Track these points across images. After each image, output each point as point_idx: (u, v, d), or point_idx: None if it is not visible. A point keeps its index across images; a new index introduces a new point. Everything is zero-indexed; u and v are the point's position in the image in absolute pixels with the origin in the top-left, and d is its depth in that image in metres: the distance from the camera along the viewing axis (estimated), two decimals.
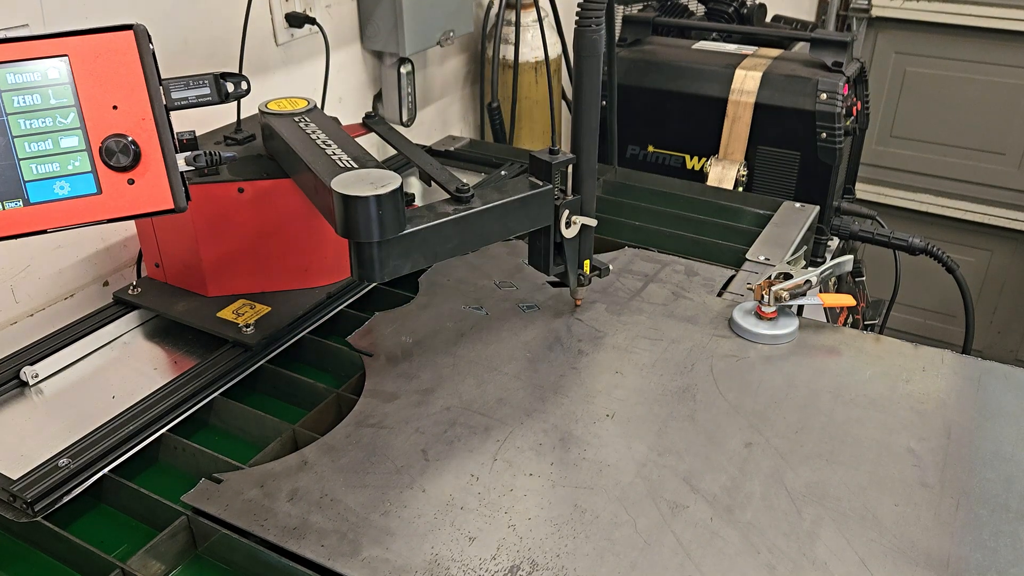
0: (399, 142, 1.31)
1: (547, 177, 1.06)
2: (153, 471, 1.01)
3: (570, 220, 1.08)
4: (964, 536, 0.85)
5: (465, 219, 0.99)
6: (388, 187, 0.90)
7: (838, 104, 1.75)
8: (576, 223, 1.08)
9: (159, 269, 1.27)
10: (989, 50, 2.66)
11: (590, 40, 1.01)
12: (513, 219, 1.05)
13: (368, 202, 0.89)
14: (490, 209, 1.01)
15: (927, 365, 1.11)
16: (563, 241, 1.10)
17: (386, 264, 0.94)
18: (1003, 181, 2.82)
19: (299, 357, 1.19)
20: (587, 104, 1.06)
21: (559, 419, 1.01)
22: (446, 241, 0.99)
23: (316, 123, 1.15)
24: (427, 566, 0.82)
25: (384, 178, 0.92)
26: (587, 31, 1.00)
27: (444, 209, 0.99)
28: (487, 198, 1.02)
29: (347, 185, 0.91)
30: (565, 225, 1.08)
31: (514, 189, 1.05)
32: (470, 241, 1.02)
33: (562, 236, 1.09)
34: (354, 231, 0.91)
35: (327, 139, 1.08)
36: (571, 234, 1.09)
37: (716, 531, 0.85)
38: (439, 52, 2.11)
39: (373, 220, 0.90)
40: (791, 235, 1.45)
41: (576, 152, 1.08)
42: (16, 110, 0.83)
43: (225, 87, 0.94)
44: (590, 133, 1.08)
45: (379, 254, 0.93)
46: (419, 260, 0.97)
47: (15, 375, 1.11)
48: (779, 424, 1.00)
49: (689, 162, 1.96)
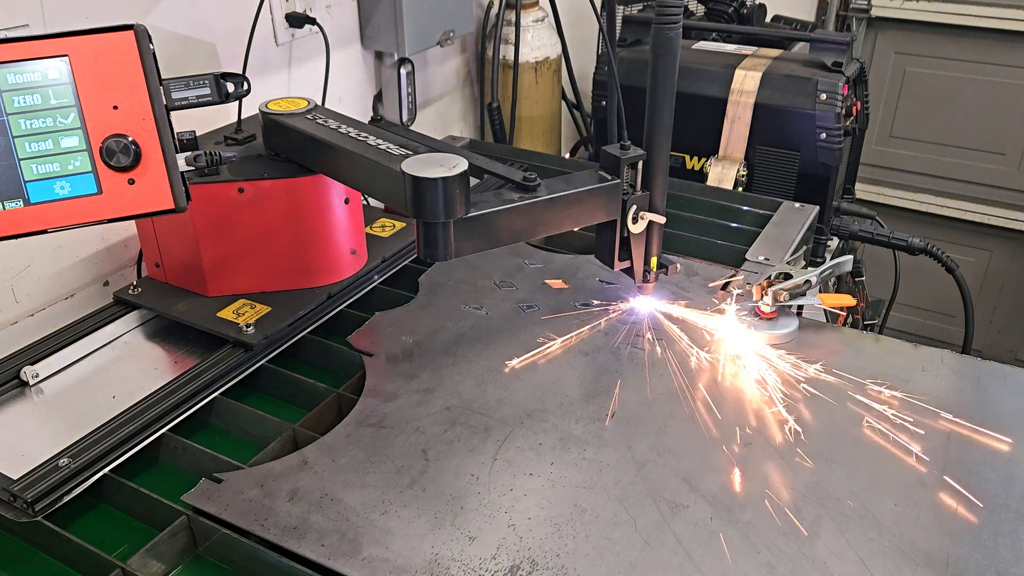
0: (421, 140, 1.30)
1: (616, 172, 1.07)
2: (153, 471, 1.01)
3: (637, 216, 1.08)
4: (964, 536, 0.85)
5: (530, 207, 1.01)
6: (457, 169, 0.93)
7: (838, 104, 1.75)
8: (644, 219, 1.09)
9: (159, 269, 1.27)
10: (989, 50, 2.66)
11: (667, 38, 1.02)
12: (579, 211, 1.06)
13: (437, 183, 0.92)
14: (555, 199, 1.03)
15: (927, 365, 1.11)
16: (630, 236, 1.10)
17: (450, 244, 0.97)
18: (1003, 181, 2.82)
19: (299, 357, 1.19)
20: (661, 101, 1.06)
21: (559, 419, 1.01)
22: (510, 227, 1.01)
23: (333, 118, 1.17)
24: (427, 566, 0.82)
25: (452, 160, 0.95)
26: (664, 29, 1.01)
27: (510, 196, 1.01)
28: (554, 188, 1.04)
29: (417, 167, 0.94)
30: (632, 220, 1.08)
31: (582, 181, 1.06)
32: (533, 229, 1.04)
33: (628, 231, 1.09)
34: (422, 211, 0.95)
35: (359, 131, 1.11)
36: (637, 230, 1.10)
37: (716, 531, 0.86)
38: (439, 52, 2.11)
39: (440, 201, 0.93)
40: (791, 235, 1.45)
41: (648, 149, 1.08)
42: (16, 110, 0.83)
43: (225, 87, 0.94)
44: (664, 130, 1.08)
45: (444, 234, 0.96)
46: (481, 243, 1.00)
47: (15, 375, 1.11)
48: (779, 424, 1.00)
49: (689, 162, 1.95)
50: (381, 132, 1.11)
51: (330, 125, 1.15)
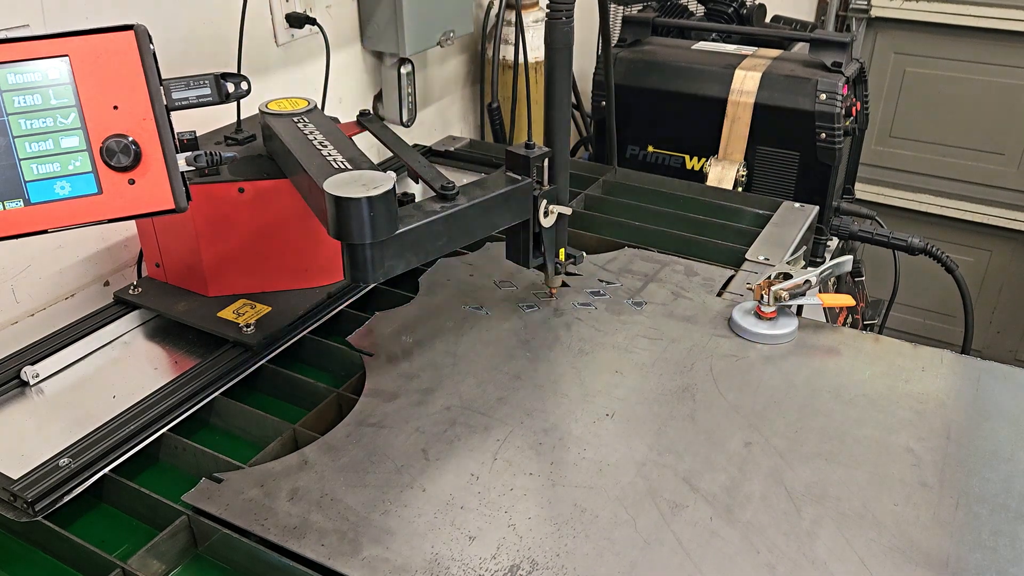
0: (390, 140, 1.30)
1: (525, 171, 1.08)
2: (154, 471, 1.01)
3: (547, 210, 1.11)
4: (963, 536, 0.85)
5: (453, 216, 1.00)
6: (380, 188, 0.90)
7: (837, 104, 1.76)
8: (553, 212, 1.11)
9: (159, 269, 1.27)
10: (989, 50, 2.66)
11: (561, 32, 1.03)
12: (497, 213, 1.06)
13: (360, 204, 0.88)
14: (476, 205, 1.02)
15: (926, 365, 1.11)
16: (541, 231, 1.12)
17: (380, 265, 0.94)
18: (1002, 181, 2.82)
19: (299, 357, 1.20)
20: (559, 96, 1.08)
21: (559, 419, 1.01)
22: (436, 239, 0.99)
23: (314, 123, 1.15)
24: (427, 565, 0.82)
25: (377, 179, 0.91)
26: (558, 23, 1.02)
27: (432, 207, 1.00)
28: (471, 194, 1.03)
29: (340, 186, 0.90)
30: (543, 215, 1.11)
31: (495, 185, 1.06)
32: (458, 238, 1.03)
33: (540, 226, 1.12)
34: (347, 233, 0.90)
35: (324, 140, 1.08)
36: (549, 223, 1.12)
37: (716, 531, 0.86)
38: (439, 52, 2.11)
39: (366, 222, 0.89)
40: (791, 235, 1.45)
41: (549, 144, 1.11)
42: (17, 110, 0.83)
43: (225, 87, 0.94)
44: (563, 125, 1.10)
45: (373, 255, 0.93)
46: (412, 259, 0.98)
47: (16, 375, 1.11)
48: (779, 424, 1.00)
49: (689, 162, 1.96)
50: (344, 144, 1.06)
51: (305, 131, 1.12)
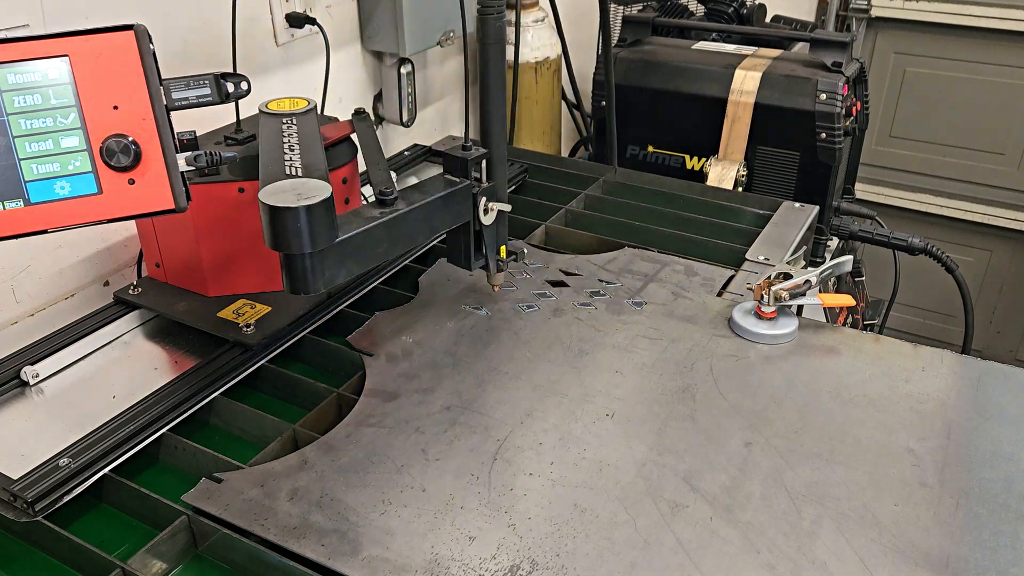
0: (365, 141, 1.30)
1: (464, 173, 1.08)
2: (153, 471, 1.01)
3: (487, 207, 1.11)
4: (964, 536, 0.85)
5: (393, 221, 0.99)
6: (316, 198, 0.87)
7: (838, 104, 1.76)
8: (493, 209, 1.12)
9: (159, 269, 1.27)
10: (989, 50, 2.66)
11: (493, 27, 1.03)
12: (437, 217, 1.06)
13: (297, 213, 0.86)
14: (415, 209, 1.02)
15: (926, 365, 1.11)
16: (482, 229, 1.13)
17: (320, 275, 0.92)
18: (1002, 181, 2.82)
19: (299, 357, 1.19)
20: (494, 91, 1.08)
21: (559, 419, 1.01)
22: (376, 245, 0.98)
23: (299, 125, 1.14)
24: (427, 565, 0.82)
25: (314, 188, 0.89)
26: (490, 18, 1.03)
27: (371, 213, 0.99)
28: (411, 199, 1.03)
29: (274, 195, 0.87)
30: (483, 212, 1.11)
31: (434, 188, 1.06)
32: (399, 243, 1.03)
33: (481, 224, 1.12)
34: (284, 243, 0.88)
35: (295, 144, 1.06)
36: (489, 220, 1.13)
37: (716, 531, 0.86)
38: (439, 52, 2.11)
39: (304, 231, 0.87)
40: (791, 235, 1.45)
41: (485, 140, 1.11)
42: (17, 110, 0.83)
43: (225, 87, 0.94)
44: (499, 120, 1.10)
45: (313, 265, 0.91)
46: (353, 268, 0.96)
47: (15, 375, 1.11)
48: (779, 424, 1.00)
49: (689, 162, 1.96)
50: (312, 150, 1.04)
51: (285, 134, 1.10)
